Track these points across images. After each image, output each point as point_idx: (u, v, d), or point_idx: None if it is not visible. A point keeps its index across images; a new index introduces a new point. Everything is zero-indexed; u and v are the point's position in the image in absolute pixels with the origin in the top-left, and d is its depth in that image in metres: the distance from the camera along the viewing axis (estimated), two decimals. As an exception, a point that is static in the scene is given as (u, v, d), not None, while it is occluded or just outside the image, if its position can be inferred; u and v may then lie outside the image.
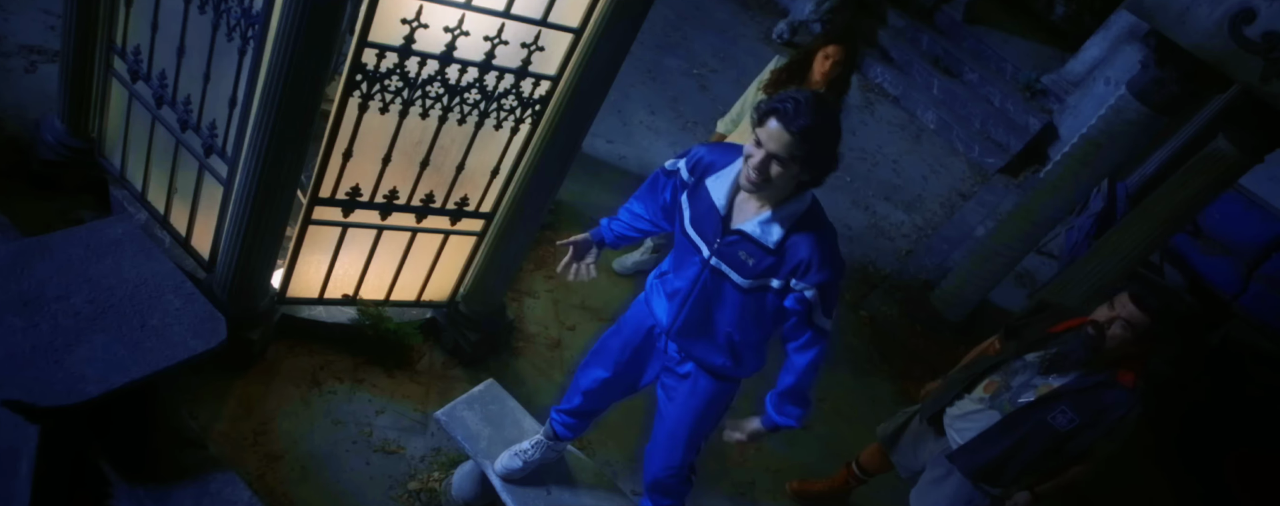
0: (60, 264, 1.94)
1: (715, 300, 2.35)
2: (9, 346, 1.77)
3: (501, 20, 2.71)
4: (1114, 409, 2.83)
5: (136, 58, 3.01)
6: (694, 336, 2.45)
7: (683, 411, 2.57)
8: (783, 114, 2.06)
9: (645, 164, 5.36)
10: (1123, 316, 2.75)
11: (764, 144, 2.09)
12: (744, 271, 2.25)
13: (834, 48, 3.69)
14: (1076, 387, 2.88)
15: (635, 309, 2.63)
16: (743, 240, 2.23)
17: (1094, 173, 4.66)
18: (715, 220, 2.26)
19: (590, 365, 2.71)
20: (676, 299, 2.42)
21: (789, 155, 2.07)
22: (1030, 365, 3.02)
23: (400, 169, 3.01)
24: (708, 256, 2.30)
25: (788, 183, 2.16)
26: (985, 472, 3.06)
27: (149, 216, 3.29)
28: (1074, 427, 2.87)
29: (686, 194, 2.35)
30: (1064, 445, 2.91)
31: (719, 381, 2.55)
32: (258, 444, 2.94)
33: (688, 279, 2.36)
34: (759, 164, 2.10)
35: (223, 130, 2.88)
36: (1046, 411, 2.91)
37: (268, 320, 3.23)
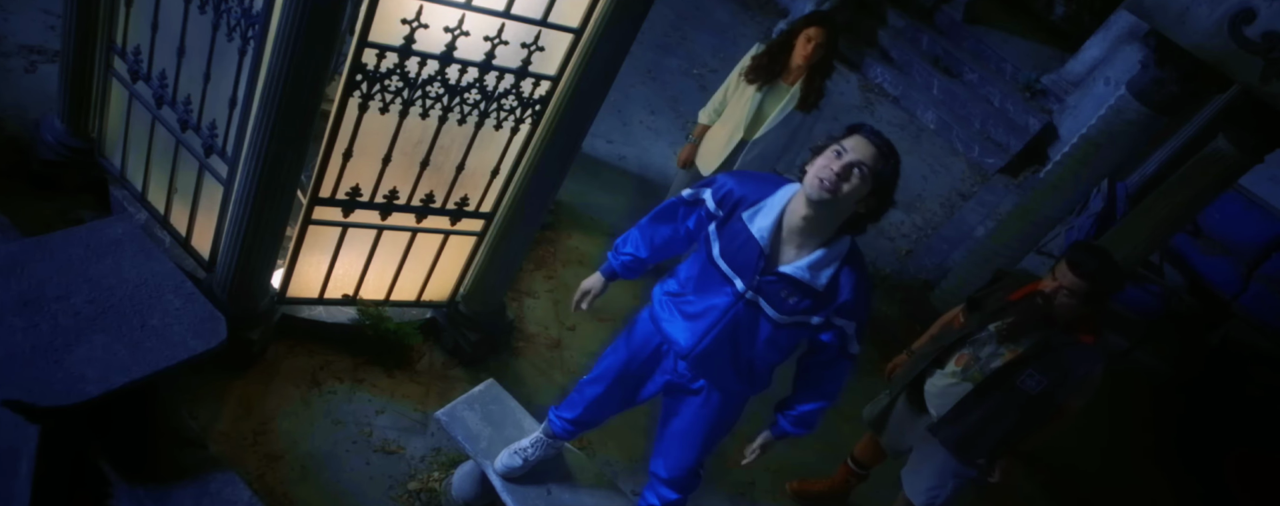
0: (60, 264, 1.94)
1: (745, 330, 2.37)
2: (9, 346, 1.77)
3: (502, 20, 2.71)
4: (1079, 366, 2.97)
5: (136, 58, 3.01)
6: (713, 362, 2.46)
7: (696, 421, 2.60)
8: (866, 130, 2.17)
9: (645, 164, 5.36)
10: (1064, 285, 2.87)
11: (848, 151, 2.13)
12: (782, 308, 2.29)
13: (815, 29, 3.70)
14: (1041, 350, 2.99)
15: (641, 326, 2.61)
16: (785, 281, 2.25)
17: (1094, 172, 4.67)
18: (753, 255, 2.27)
19: (594, 381, 2.71)
20: (699, 324, 2.40)
21: (872, 168, 2.13)
22: (993, 335, 3.07)
23: (400, 169, 3.01)
24: (743, 290, 2.31)
25: (847, 208, 2.19)
26: (966, 441, 3.18)
27: (149, 216, 3.29)
28: (1044, 389, 3.00)
29: (715, 225, 2.35)
30: (1036, 407, 3.04)
31: (730, 396, 2.58)
32: (258, 444, 2.94)
33: (718, 309, 2.36)
34: (842, 169, 2.12)
35: (223, 130, 2.88)
36: (1016, 376, 3.03)
37: (268, 320, 3.23)
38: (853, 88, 7.57)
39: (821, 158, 2.17)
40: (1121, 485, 5.32)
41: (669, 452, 2.67)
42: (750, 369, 2.49)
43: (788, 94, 3.85)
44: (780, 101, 3.86)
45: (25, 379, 1.75)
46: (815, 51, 3.69)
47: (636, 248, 2.59)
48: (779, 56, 3.78)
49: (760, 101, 3.86)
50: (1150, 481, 5.46)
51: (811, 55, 3.70)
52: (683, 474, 2.68)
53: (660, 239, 2.56)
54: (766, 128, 3.89)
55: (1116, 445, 5.55)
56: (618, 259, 2.63)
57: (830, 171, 2.12)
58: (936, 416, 3.22)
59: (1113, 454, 5.47)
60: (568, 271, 4.34)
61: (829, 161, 2.14)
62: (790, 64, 3.79)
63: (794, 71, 3.82)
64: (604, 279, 2.67)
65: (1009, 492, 4.69)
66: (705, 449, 2.66)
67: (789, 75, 3.84)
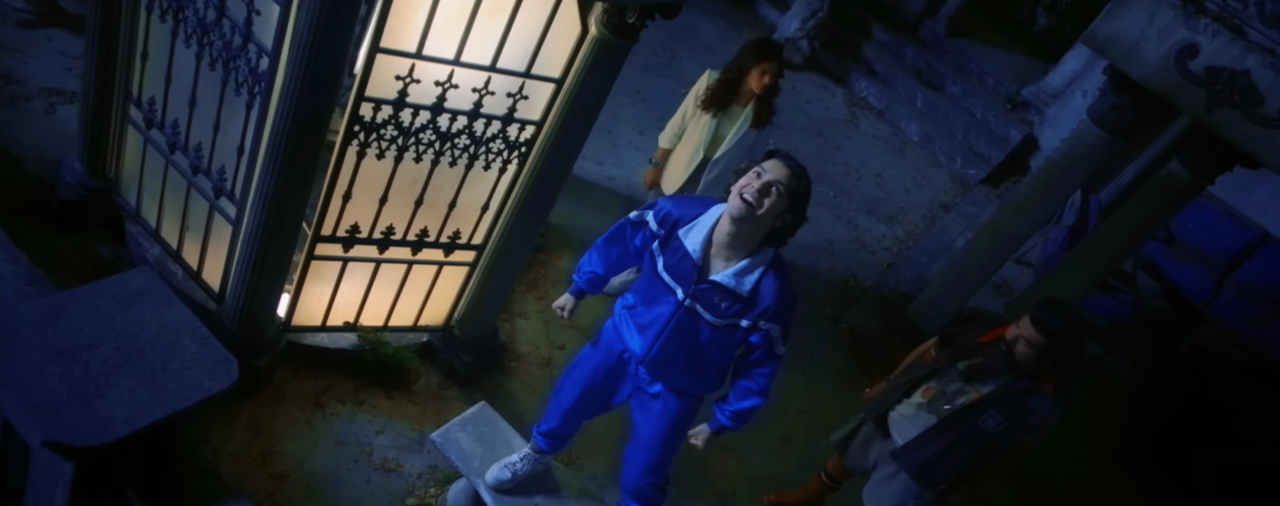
0: (90, 314, 2.17)
1: (687, 334, 2.64)
2: (47, 392, 2.00)
3: (488, 73, 2.94)
4: (1036, 412, 3.20)
5: (151, 107, 3.24)
6: (666, 364, 2.74)
7: (657, 428, 2.86)
8: (781, 154, 2.48)
9: (633, 184, 5.58)
10: (1024, 336, 3.12)
11: (767, 172, 2.42)
12: (717, 313, 2.57)
13: (769, 63, 3.98)
14: (1003, 394, 3.23)
15: (605, 336, 2.88)
16: (717, 288, 2.53)
17: (1058, 193, 4.90)
18: (689, 268, 2.55)
19: (564, 388, 2.99)
20: (650, 332, 2.69)
21: (788, 186, 2.40)
22: (961, 373, 3.30)
23: (396, 207, 3.24)
24: (682, 298, 2.58)
25: (767, 222, 2.44)
26: (925, 468, 3.39)
27: (162, 251, 3.53)
28: (1002, 428, 3.23)
29: (658, 243, 2.63)
30: (993, 444, 3.27)
31: (685, 399, 2.84)
32: (266, 464, 3.17)
33: (662, 316, 2.64)
34: (762, 186, 2.39)
35: (232, 175, 3.11)
36: (977, 415, 3.25)
37: (274, 347, 3.46)
38: (838, 102, 7.79)
39: (744, 178, 2.45)
40: (1092, 488, 5.54)
41: (635, 460, 2.95)
42: (700, 369, 2.76)
43: (742, 115, 4.11)
44: (735, 123, 4.12)
45: (62, 421, 1.98)
46: (770, 80, 3.96)
47: (595, 266, 2.88)
48: (733, 86, 4.04)
49: (717, 125, 4.13)
50: (1121, 484, 5.68)
51: (766, 84, 3.96)
52: (649, 482, 2.93)
53: (614, 256, 2.84)
54: (725, 147, 4.15)
55: (1089, 449, 5.76)
56: (581, 277, 2.91)
57: (752, 189, 2.40)
58: (899, 442, 3.44)
59: (1085, 457, 5.69)
60: (557, 292, 4.54)
61: (750, 181, 2.42)
62: (744, 91, 4.04)
63: (745, 95, 4.07)
64: (573, 297, 2.95)
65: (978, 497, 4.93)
66: (666, 452, 2.91)
67: (741, 98, 4.10)
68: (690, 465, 4.04)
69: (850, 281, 5.91)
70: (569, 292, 2.97)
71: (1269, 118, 3.84)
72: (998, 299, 6.52)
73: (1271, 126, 3.85)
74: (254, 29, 2.77)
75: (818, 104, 7.59)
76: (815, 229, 6.18)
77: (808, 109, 7.44)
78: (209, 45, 2.91)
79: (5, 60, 3.99)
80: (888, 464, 3.56)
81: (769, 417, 4.69)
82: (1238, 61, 3.85)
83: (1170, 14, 3.95)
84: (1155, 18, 3.99)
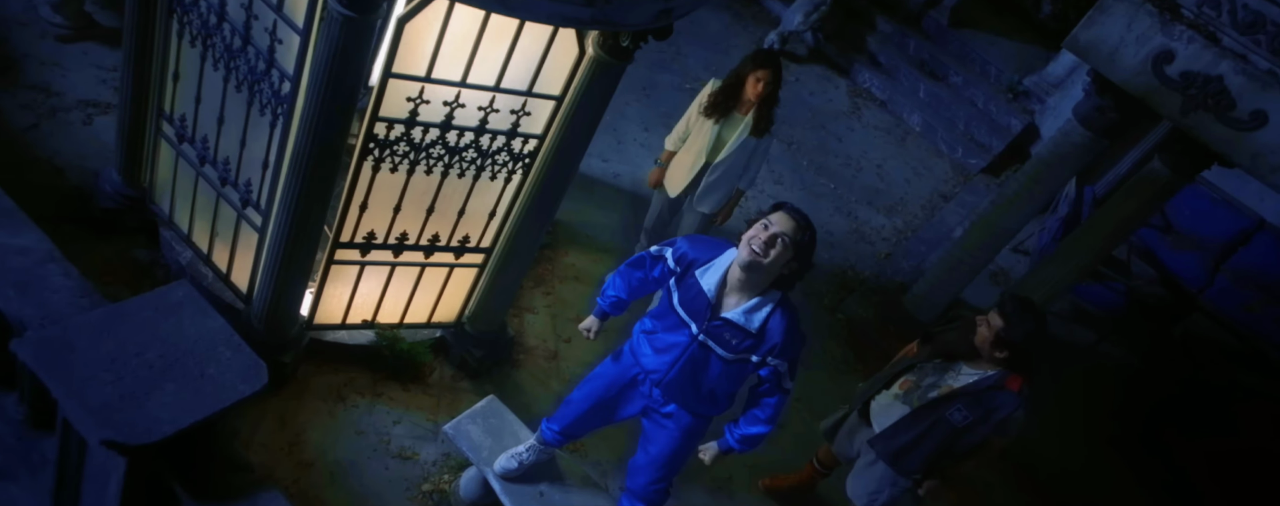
0: (136, 325, 2.42)
1: (701, 365, 2.89)
2: (103, 396, 2.26)
3: (493, 93, 3.16)
4: (1001, 408, 3.42)
5: (182, 123, 3.49)
6: (680, 389, 2.99)
7: (669, 442, 3.11)
8: (787, 207, 2.73)
9: (638, 180, 5.78)
10: (989, 321, 3.37)
11: (774, 225, 2.65)
12: (728, 348, 2.81)
13: (763, 71, 4.16)
14: (972, 390, 3.46)
15: (623, 358, 3.11)
16: (728, 325, 2.76)
17: (1046, 189, 5.08)
18: (704, 306, 2.79)
19: (577, 397, 3.23)
20: (666, 357, 2.93)
21: (793, 238, 2.64)
22: (936, 368, 3.51)
23: (409, 216, 3.49)
24: (696, 333, 2.83)
25: (775, 269, 2.68)
26: (897, 455, 3.63)
27: (194, 255, 3.80)
28: (968, 423, 3.46)
29: (674, 280, 2.87)
30: (960, 437, 3.50)
31: (698, 418, 3.09)
32: (292, 453, 3.45)
33: (678, 347, 2.89)
34: (768, 238, 2.64)
35: (257, 187, 3.36)
36: (946, 408, 3.48)
37: (298, 344, 3.73)
38: (842, 93, 7.93)
39: (752, 229, 2.65)
40: (1084, 474, 5.75)
41: (644, 471, 3.19)
42: (712, 395, 3.01)
43: (742, 123, 4.30)
44: (736, 129, 4.31)
45: (116, 422, 2.24)
46: (764, 88, 4.14)
47: (619, 290, 3.11)
48: (732, 93, 4.23)
49: (718, 131, 4.32)
50: (1113, 469, 5.87)
51: (762, 92, 4.15)
52: (656, 490, 3.19)
53: (635, 282, 3.07)
54: (726, 153, 4.34)
55: (1081, 435, 5.97)
56: (605, 300, 3.15)
57: (759, 241, 2.61)
58: (877, 430, 3.67)
59: (1077, 442, 5.89)
60: (564, 287, 4.81)
61: (758, 233, 2.63)
62: (742, 97, 4.23)
63: (745, 104, 4.25)
64: (597, 318, 3.18)
65: (966, 482, 5.14)
66: (673, 467, 3.16)
67: (742, 106, 4.28)
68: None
69: (848, 272, 6.11)
70: (593, 315, 3.20)
71: (1240, 121, 4.01)
72: (994, 287, 6.70)
73: (1242, 129, 4.01)
74: (277, 56, 3.00)
75: (821, 96, 7.74)
76: (815, 221, 6.30)
77: (811, 101, 7.60)
78: (235, 69, 3.14)
79: (45, 74, 4.24)
80: (868, 452, 3.80)
81: (765, 405, 4.94)
82: (1211, 67, 4.01)
83: (1148, 21, 4.10)
84: (1134, 24, 4.15)
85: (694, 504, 4.25)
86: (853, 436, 3.91)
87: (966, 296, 6.11)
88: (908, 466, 3.65)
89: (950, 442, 3.54)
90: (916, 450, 3.59)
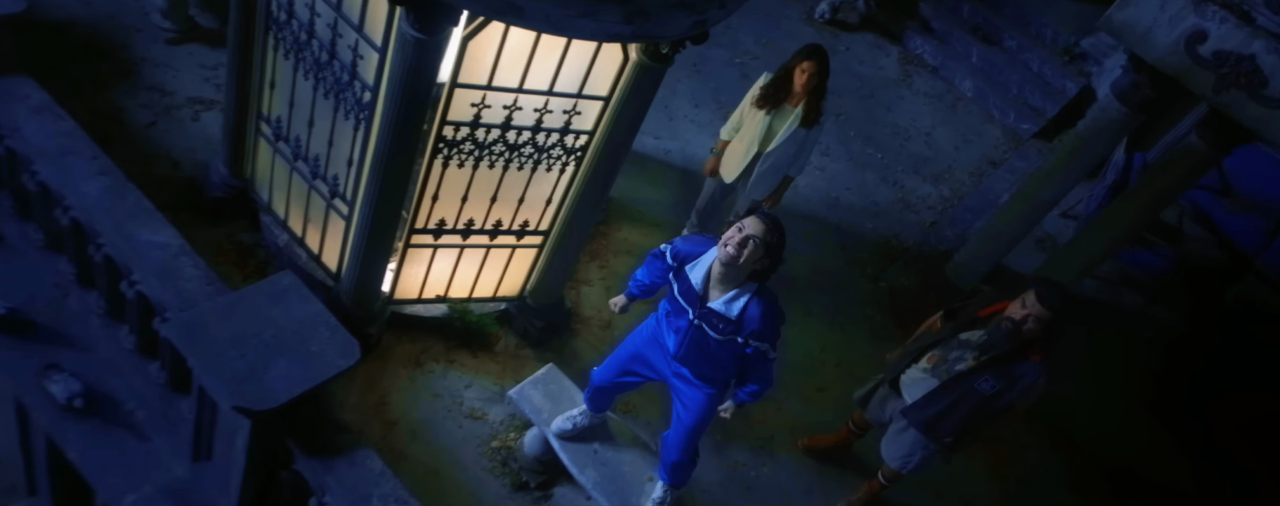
0: (253, 309, 2.89)
1: (701, 342, 3.33)
2: (232, 370, 2.74)
3: (546, 97, 3.52)
4: (1025, 378, 3.71)
5: (278, 124, 3.95)
6: (693, 362, 3.43)
7: (692, 414, 3.53)
8: (759, 212, 3.12)
9: (689, 156, 6.10)
10: (1033, 314, 3.54)
11: (746, 227, 3.06)
12: (717, 330, 3.23)
13: (808, 62, 4.40)
14: (995, 362, 3.73)
15: (646, 326, 3.54)
16: (712, 314, 3.20)
17: (1083, 163, 5.23)
18: (694, 296, 3.22)
19: (605, 367, 3.67)
20: (676, 336, 3.39)
21: (762, 239, 3.03)
22: (963, 343, 3.79)
23: (475, 204, 3.91)
24: (692, 318, 3.26)
25: (748, 266, 3.07)
26: (930, 424, 3.94)
27: (290, 238, 4.30)
28: (995, 392, 3.74)
29: (673, 273, 3.31)
30: (988, 404, 3.79)
31: (714, 387, 3.49)
32: (379, 413, 3.96)
33: (682, 328, 3.34)
34: (741, 240, 3.04)
35: (343, 181, 3.81)
36: (974, 379, 3.77)
37: (381, 317, 4.22)
38: (892, 61, 8.03)
39: (729, 232, 3.07)
40: (1121, 437, 5.91)
41: (675, 446, 3.62)
42: (719, 364, 3.43)
43: (792, 114, 4.55)
44: (786, 120, 4.57)
45: (243, 391, 2.72)
46: (809, 80, 4.39)
47: (643, 279, 3.56)
48: (782, 86, 4.48)
49: (769, 121, 4.58)
50: (1151, 433, 6.02)
51: (807, 83, 4.39)
52: (685, 458, 3.64)
53: (654, 275, 3.51)
54: (776, 142, 4.62)
55: (1120, 399, 6.13)
56: (634, 286, 3.59)
57: (734, 242, 3.03)
58: (908, 401, 3.98)
59: (1116, 406, 6.06)
60: (618, 261, 5.20)
61: (733, 234, 3.05)
62: (792, 90, 4.48)
63: (795, 95, 4.51)
64: (626, 299, 3.63)
65: (1002, 446, 5.41)
66: (698, 433, 3.59)
67: (793, 98, 4.53)
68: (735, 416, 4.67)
69: (892, 241, 6.34)
70: (624, 295, 3.66)
71: (1273, 99, 4.11)
72: (1040, 253, 6.84)
73: (1275, 107, 4.11)
74: (358, 69, 3.42)
75: (871, 64, 7.86)
76: (861, 191, 6.60)
77: (860, 70, 7.74)
78: (323, 79, 3.57)
79: (159, 75, 4.77)
80: (900, 419, 4.11)
81: (807, 371, 5.28)
82: (1244, 46, 4.11)
83: (1181, 1, 4.20)
84: (1167, 4, 4.25)
85: (738, 461, 4.65)
86: (884, 405, 4.23)
87: (1010, 263, 6.29)
88: (940, 433, 3.96)
89: (979, 410, 3.83)
90: (948, 419, 3.88)
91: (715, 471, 4.47)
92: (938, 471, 4.46)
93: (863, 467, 4.77)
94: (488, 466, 4.01)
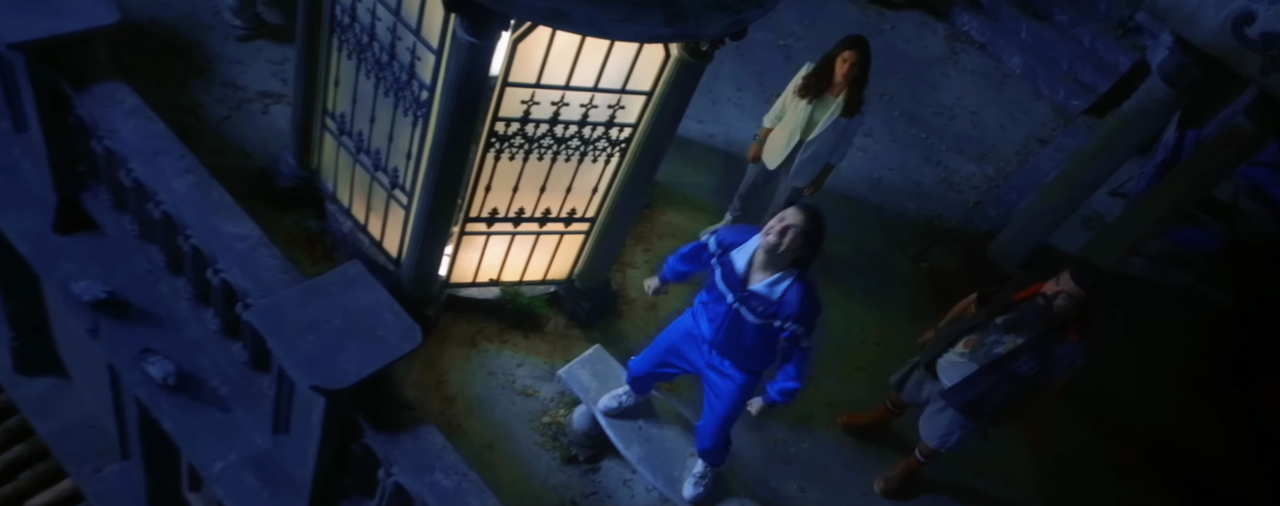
0: (326, 297, 3.15)
1: (738, 327, 3.51)
2: (309, 353, 3.02)
3: (592, 93, 3.71)
4: (1063, 358, 3.81)
5: (342, 120, 4.22)
6: (727, 346, 3.61)
7: (723, 404, 3.73)
8: (799, 203, 3.33)
9: (732, 140, 6.22)
10: (1065, 291, 3.64)
11: (788, 218, 3.25)
12: (756, 314, 3.41)
13: (850, 52, 4.49)
14: (1034, 343, 3.82)
15: (682, 321, 3.75)
16: (754, 296, 3.38)
17: (1127, 143, 5.24)
18: (736, 280, 3.40)
19: (642, 358, 3.89)
20: (714, 323, 3.58)
21: (803, 228, 3.22)
22: (1000, 327, 3.90)
23: (526, 194, 4.13)
24: (732, 302, 3.44)
25: (789, 253, 3.25)
26: (970, 406, 4.06)
27: (353, 225, 4.58)
28: (1034, 372, 3.85)
29: (716, 259, 3.49)
30: (1028, 384, 3.90)
31: (746, 376, 3.68)
32: (438, 389, 4.24)
33: (720, 314, 3.52)
34: (782, 229, 3.24)
35: (403, 173, 4.06)
36: (1013, 361, 3.87)
37: (438, 299, 4.49)
38: (938, 39, 8.00)
39: (772, 222, 3.24)
40: (1163, 413, 5.92)
41: (708, 434, 3.83)
42: (753, 351, 3.61)
43: (833, 104, 4.66)
44: (827, 110, 4.68)
45: (318, 371, 3.00)
46: (851, 70, 4.49)
47: (677, 265, 3.75)
48: (823, 76, 4.59)
49: (811, 111, 4.70)
50: (1194, 410, 6.02)
51: (848, 73, 4.49)
52: (719, 444, 3.85)
53: (690, 263, 3.70)
54: (818, 131, 4.73)
55: (1163, 376, 6.12)
56: (668, 271, 3.80)
57: (775, 231, 3.21)
58: (946, 384, 4.11)
59: (1159, 383, 6.06)
60: (662, 243, 5.38)
61: (775, 224, 3.23)
62: (833, 80, 4.58)
63: (837, 85, 4.61)
64: (660, 281, 3.86)
65: (1042, 423, 5.49)
66: (730, 421, 3.79)
67: (834, 88, 4.64)
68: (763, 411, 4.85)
69: (934, 222, 6.40)
70: (658, 277, 3.86)
71: (1321, 82, 4.09)
72: (1087, 232, 6.83)
73: (1325, 90, 4.10)
74: (416, 70, 3.64)
75: (916, 43, 7.85)
76: (904, 172, 6.66)
77: (905, 49, 7.73)
78: (383, 79, 3.81)
79: (231, 71, 5.08)
80: (938, 400, 4.25)
81: (847, 350, 5.42)
82: (1292, 29, 4.09)
83: (1227, -17, 4.19)
84: (1213, -13, 4.24)
85: (778, 437, 4.84)
86: (920, 387, 4.36)
87: (1055, 242, 6.31)
88: (980, 414, 4.08)
89: (1019, 390, 3.94)
90: (988, 400, 4.00)
91: (756, 446, 4.67)
92: (977, 449, 4.58)
93: (901, 445, 4.92)
94: (539, 440, 4.28)
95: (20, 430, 6.07)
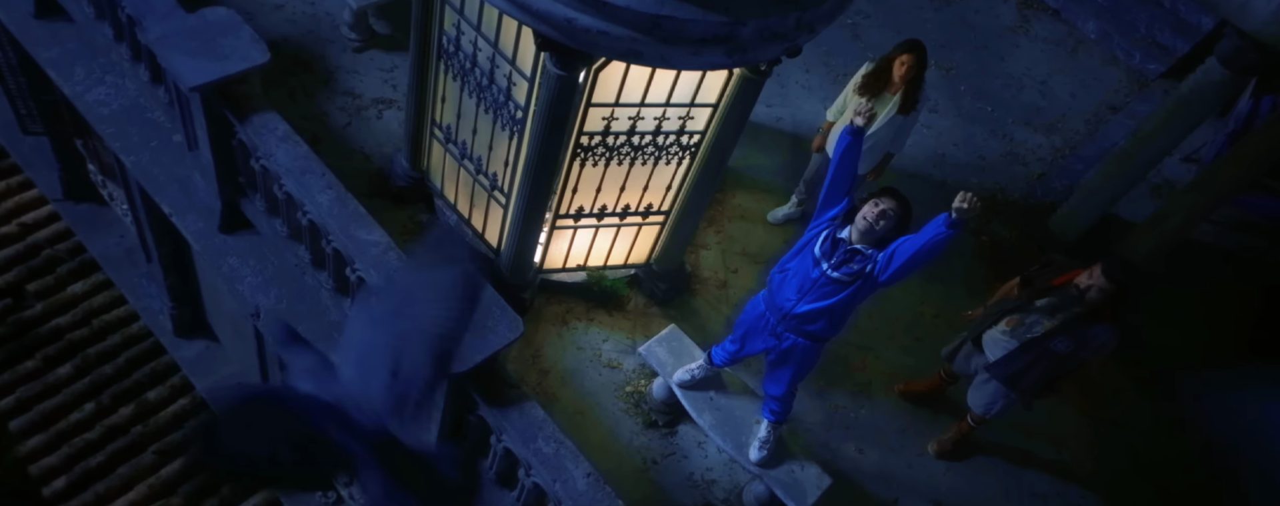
0: (444, 294, 3.80)
1: (826, 293, 3.88)
2: (434, 343, 3.67)
3: (664, 107, 4.20)
4: (1096, 338, 4.21)
5: (448, 131, 4.82)
6: (809, 317, 4.00)
7: (796, 367, 4.21)
8: (891, 190, 3.78)
9: (799, 122, 6.57)
10: (1096, 284, 4.00)
11: (882, 202, 3.71)
12: (846, 273, 3.80)
13: (907, 55, 4.80)
14: (1070, 325, 4.21)
15: (753, 309, 4.22)
16: (851, 254, 3.78)
17: (1185, 124, 5.40)
18: (841, 249, 3.80)
19: (723, 352, 4.42)
20: (802, 291, 3.95)
21: (895, 211, 3.69)
22: (1038, 310, 4.29)
23: (607, 193, 4.67)
24: (827, 268, 3.84)
25: (880, 231, 3.73)
26: (1012, 379, 4.49)
27: (459, 219, 5.23)
28: (1070, 351, 4.25)
29: (834, 220, 3.87)
30: (1064, 362, 4.31)
31: (817, 344, 4.14)
32: (535, 363, 4.89)
33: (810, 279, 3.90)
34: (877, 213, 3.70)
35: (502, 178, 4.65)
36: (1050, 340, 4.27)
37: (533, 283, 5.11)
38: (1010, 7, 8.06)
39: (867, 205, 3.68)
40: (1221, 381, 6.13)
41: (776, 387, 4.32)
42: (834, 318, 4.02)
43: (891, 101, 5.00)
44: (886, 106, 5.03)
45: (443, 358, 3.65)
46: (908, 72, 4.81)
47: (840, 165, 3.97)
48: (881, 76, 4.93)
49: (871, 107, 5.05)
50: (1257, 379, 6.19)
51: (905, 75, 4.82)
52: (788, 397, 4.33)
53: (846, 177, 3.96)
54: (876, 126, 5.09)
55: (1225, 344, 6.30)
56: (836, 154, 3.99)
57: (872, 214, 3.65)
58: (990, 359, 4.53)
59: (1220, 352, 6.25)
60: (733, 226, 5.86)
61: (870, 209, 3.66)
62: (891, 80, 4.92)
63: (894, 85, 4.94)
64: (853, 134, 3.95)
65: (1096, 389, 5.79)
66: (798, 381, 4.27)
67: (891, 87, 4.97)
68: (834, 361, 5.32)
69: (997, 195, 6.63)
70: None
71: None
72: (1155, 200, 6.93)
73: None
74: (512, 93, 4.19)
75: (986, 13, 7.93)
76: (968, 146, 6.89)
77: (974, 20, 7.84)
78: (483, 99, 4.38)
79: (349, 80, 5.74)
80: (983, 373, 4.68)
81: (905, 320, 5.82)
82: (1345, 17, 4.22)
83: (1277, -27, 4.33)
84: (1263, -23, 4.38)
85: (838, 403, 5.34)
86: (969, 359, 4.79)
87: (1122, 211, 6.48)
88: (1022, 386, 4.51)
89: (1055, 367, 4.35)
90: (1028, 374, 4.42)
91: (816, 413, 5.18)
92: (1030, 413, 4.97)
93: (955, 410, 5.31)
94: (623, 408, 4.91)
95: (184, 385, 7.11)
